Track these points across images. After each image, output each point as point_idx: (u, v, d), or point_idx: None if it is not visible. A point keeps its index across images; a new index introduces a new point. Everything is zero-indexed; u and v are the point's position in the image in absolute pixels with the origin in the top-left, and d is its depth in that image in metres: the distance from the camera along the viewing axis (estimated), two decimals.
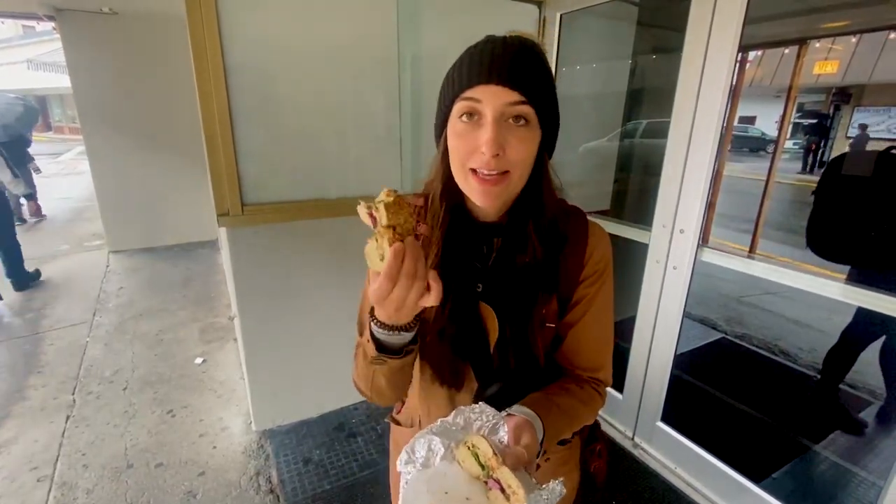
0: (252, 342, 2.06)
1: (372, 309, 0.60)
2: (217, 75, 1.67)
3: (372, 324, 0.61)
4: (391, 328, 0.60)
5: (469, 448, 0.53)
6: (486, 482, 0.51)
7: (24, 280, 3.92)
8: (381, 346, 0.63)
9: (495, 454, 0.51)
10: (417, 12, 2.10)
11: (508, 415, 0.60)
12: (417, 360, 0.75)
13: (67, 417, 2.31)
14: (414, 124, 2.19)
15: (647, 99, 3.04)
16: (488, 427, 0.56)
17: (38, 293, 3.83)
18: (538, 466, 0.61)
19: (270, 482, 1.93)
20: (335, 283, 2.16)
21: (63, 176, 10.21)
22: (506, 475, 0.49)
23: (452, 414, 0.58)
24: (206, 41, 1.62)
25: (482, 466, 0.52)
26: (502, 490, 0.49)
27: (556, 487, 0.50)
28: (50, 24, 4.57)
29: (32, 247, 4.84)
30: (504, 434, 0.56)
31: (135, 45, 4.50)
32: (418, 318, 0.63)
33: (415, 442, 0.56)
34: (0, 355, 2.89)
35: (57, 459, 2.04)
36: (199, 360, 2.84)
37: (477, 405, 0.59)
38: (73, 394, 2.51)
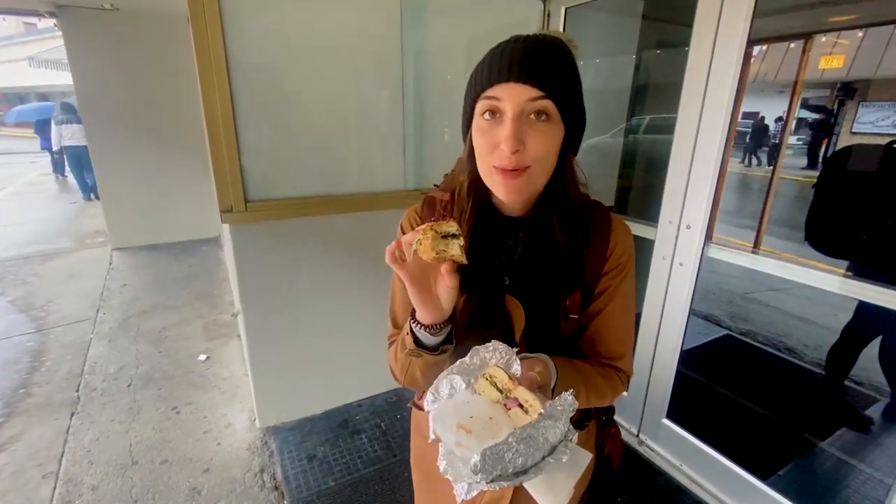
0: (255, 339, 2.06)
1: (414, 310, 0.66)
2: (220, 72, 1.65)
3: (411, 321, 0.67)
4: (426, 327, 0.65)
5: (487, 379, 0.59)
6: (504, 404, 0.56)
7: (88, 196, 7.18)
8: (418, 342, 0.68)
9: (511, 378, 0.57)
10: (421, 8, 2.08)
11: (521, 356, 0.63)
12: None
13: (72, 414, 2.32)
14: (417, 120, 2.18)
15: (652, 94, 3.02)
16: (503, 362, 0.61)
17: (42, 289, 3.84)
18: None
19: (275, 479, 1.93)
20: (339, 280, 2.16)
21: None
22: (522, 392, 0.55)
23: (469, 355, 0.62)
24: (209, 37, 1.61)
25: (500, 391, 0.57)
26: (520, 406, 0.55)
27: (568, 397, 0.54)
28: (51, 21, 4.56)
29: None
30: (517, 367, 0.60)
31: (137, 41, 4.48)
32: (450, 321, 0.66)
33: (438, 383, 0.61)
34: (5, 352, 2.90)
35: (62, 456, 2.04)
36: (202, 357, 2.84)
37: (490, 343, 0.62)
38: (77, 391, 2.51)
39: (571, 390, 0.55)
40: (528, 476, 0.51)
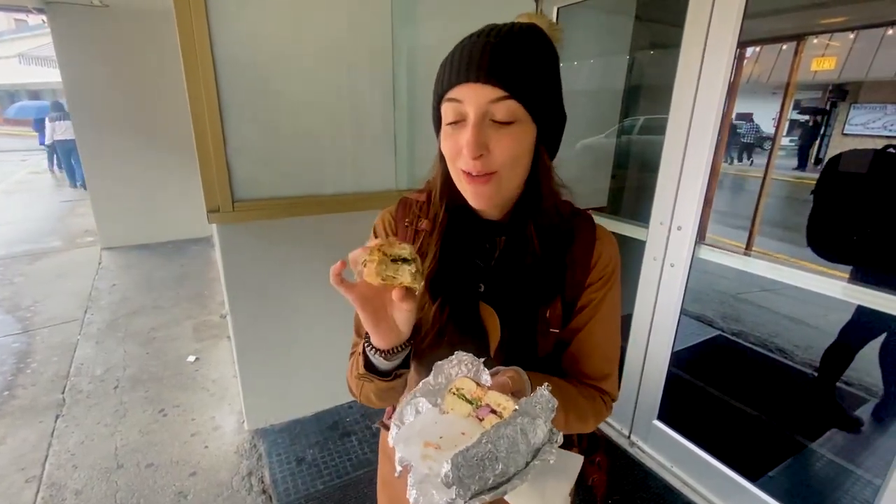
0: (244, 340, 2.03)
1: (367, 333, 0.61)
2: (206, 69, 1.63)
3: (364, 344, 0.62)
4: (381, 352, 0.60)
5: (454, 393, 0.53)
6: (476, 416, 0.51)
7: (75, 184, 8.04)
8: (370, 366, 0.63)
9: (480, 386, 0.52)
10: (412, 6, 2.06)
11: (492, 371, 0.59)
12: (414, 363, 0.73)
13: (57, 417, 2.28)
14: (410, 118, 2.15)
15: (645, 95, 3.02)
16: (471, 375, 0.56)
17: (28, 289, 3.79)
18: None
19: (263, 482, 1.90)
20: (329, 281, 2.13)
21: None
22: (493, 396, 0.50)
23: (432, 374, 0.56)
24: (194, 34, 1.59)
25: (470, 402, 0.52)
26: (494, 412, 0.50)
27: (545, 392, 0.49)
28: (41, 18, 4.50)
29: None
30: (486, 378, 0.55)
31: (126, 39, 4.43)
32: (408, 344, 0.62)
33: (402, 410, 0.55)
34: None
35: (46, 460, 2.01)
36: (191, 359, 2.81)
37: (453, 356, 0.57)
38: (62, 393, 2.47)
39: (547, 384, 0.50)
40: (512, 484, 0.45)
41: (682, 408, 2.17)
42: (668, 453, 1.96)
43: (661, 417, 1.97)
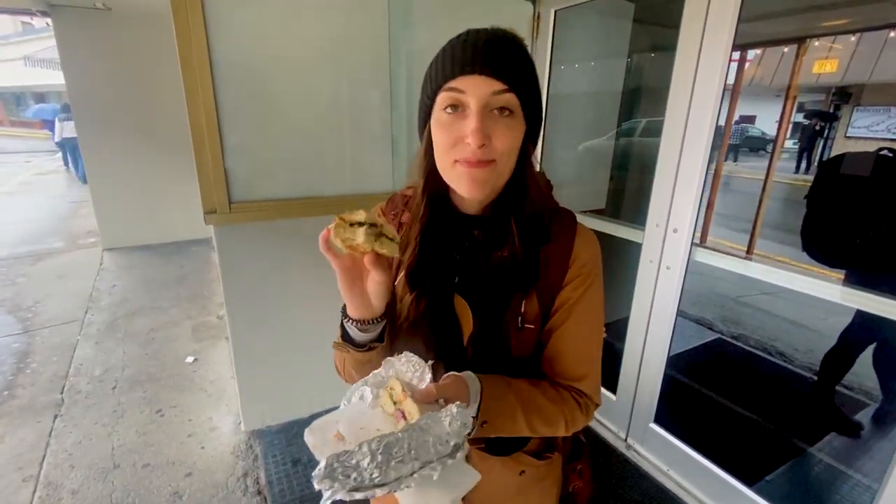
0: (241, 341, 2.04)
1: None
2: (203, 71, 1.64)
3: (342, 314, 0.66)
4: (355, 322, 0.64)
5: (388, 391, 0.57)
6: (395, 416, 0.55)
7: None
8: (345, 336, 0.67)
9: (404, 390, 0.55)
10: (409, 8, 2.07)
11: (446, 375, 0.61)
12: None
13: (55, 417, 2.29)
14: (408, 120, 2.16)
15: (644, 97, 3.02)
16: (417, 375, 0.59)
17: (29, 290, 3.81)
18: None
19: (258, 483, 1.91)
20: (326, 281, 2.12)
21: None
22: (407, 405, 0.53)
23: (383, 366, 0.61)
24: (191, 37, 1.60)
25: (395, 403, 0.56)
26: (405, 419, 0.54)
27: (453, 409, 0.51)
28: (46, 21, 4.54)
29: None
30: (428, 379, 0.58)
31: (128, 41, 4.46)
32: (384, 317, 0.65)
33: (350, 395, 0.60)
34: None
35: (43, 459, 2.02)
36: (190, 359, 2.82)
37: (403, 355, 0.61)
38: (61, 393, 2.48)
39: (458, 402, 0.52)
40: (385, 489, 0.48)
41: (680, 411, 2.16)
42: (665, 457, 1.95)
43: (657, 421, 1.96)
